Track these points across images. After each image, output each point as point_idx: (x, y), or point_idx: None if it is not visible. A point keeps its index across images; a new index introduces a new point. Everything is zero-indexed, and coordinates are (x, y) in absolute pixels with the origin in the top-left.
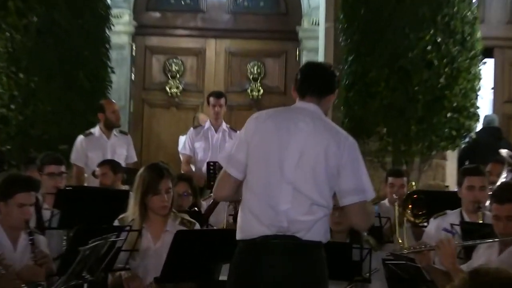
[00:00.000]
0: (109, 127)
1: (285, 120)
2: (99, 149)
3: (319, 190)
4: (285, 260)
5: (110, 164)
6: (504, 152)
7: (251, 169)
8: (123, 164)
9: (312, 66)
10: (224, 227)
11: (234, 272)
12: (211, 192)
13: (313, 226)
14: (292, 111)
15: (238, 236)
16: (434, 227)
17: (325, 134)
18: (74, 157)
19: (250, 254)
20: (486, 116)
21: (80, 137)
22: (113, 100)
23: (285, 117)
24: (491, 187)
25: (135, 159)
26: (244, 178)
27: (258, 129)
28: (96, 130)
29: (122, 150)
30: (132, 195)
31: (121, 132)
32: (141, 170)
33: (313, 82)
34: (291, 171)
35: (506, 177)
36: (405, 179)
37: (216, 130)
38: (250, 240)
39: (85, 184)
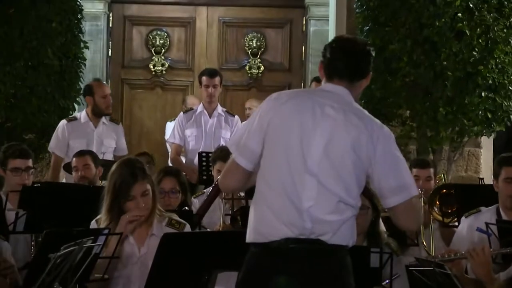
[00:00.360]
0: (97, 114)
1: (310, 103)
2: (83, 138)
3: (346, 186)
4: (307, 268)
5: (91, 155)
6: None
7: (268, 159)
8: (110, 157)
9: (343, 43)
10: (220, 229)
11: (244, 284)
12: (204, 188)
13: (339, 228)
14: (317, 94)
15: (250, 238)
16: (466, 227)
17: (356, 122)
18: (53, 145)
19: (266, 261)
20: None
21: (63, 122)
22: (101, 81)
23: (310, 100)
24: None
25: (126, 151)
26: (254, 169)
27: (277, 112)
28: (82, 115)
29: (110, 141)
30: (104, 195)
31: (112, 120)
32: (114, 167)
33: (343, 64)
34: (316, 161)
35: None
36: (432, 170)
37: (210, 115)
38: (267, 243)
39: (64, 178)
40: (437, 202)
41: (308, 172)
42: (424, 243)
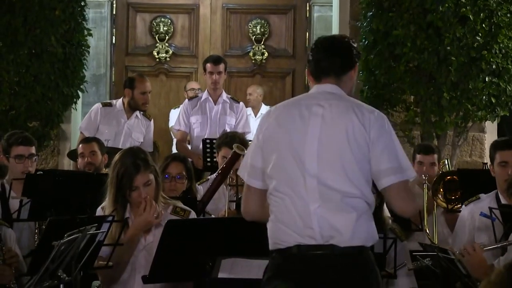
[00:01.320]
0: (132, 107)
1: (297, 109)
2: (113, 125)
3: (348, 178)
4: (321, 275)
5: (98, 142)
6: None
7: (271, 172)
8: None
9: (323, 43)
10: (225, 215)
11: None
12: (210, 175)
13: (351, 228)
14: (304, 98)
15: (270, 246)
16: (466, 214)
17: (345, 113)
18: (83, 125)
19: (281, 268)
20: None
21: (98, 105)
22: (144, 77)
23: (297, 105)
24: None
25: (151, 149)
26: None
27: (269, 125)
28: (118, 103)
29: (139, 135)
30: (108, 184)
31: (145, 115)
32: (116, 157)
33: (327, 62)
34: (313, 162)
35: None
36: (436, 156)
37: (215, 102)
38: (283, 249)
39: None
40: (441, 190)
41: (307, 174)
42: (427, 230)
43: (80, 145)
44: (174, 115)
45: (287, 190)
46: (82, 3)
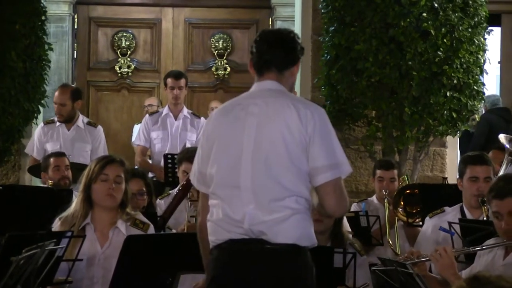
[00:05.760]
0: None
1: (235, 111)
2: (57, 141)
3: (282, 182)
4: (251, 269)
5: (67, 157)
6: (503, 137)
7: (214, 173)
8: (86, 161)
9: (268, 36)
10: (185, 229)
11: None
12: (170, 189)
13: (280, 226)
14: (243, 97)
15: (210, 244)
16: (431, 226)
17: (282, 110)
18: (30, 148)
19: (216, 264)
20: (488, 97)
21: (41, 125)
22: (59, 88)
23: (235, 107)
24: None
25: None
26: None
27: (214, 129)
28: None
29: (83, 144)
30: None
31: (89, 123)
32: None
33: (270, 55)
34: (248, 166)
35: (506, 169)
36: (396, 171)
37: (175, 117)
38: (218, 245)
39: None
40: (402, 203)
41: (242, 177)
42: (390, 243)
43: (53, 159)
44: (137, 131)
45: (223, 193)
46: (43, 18)
